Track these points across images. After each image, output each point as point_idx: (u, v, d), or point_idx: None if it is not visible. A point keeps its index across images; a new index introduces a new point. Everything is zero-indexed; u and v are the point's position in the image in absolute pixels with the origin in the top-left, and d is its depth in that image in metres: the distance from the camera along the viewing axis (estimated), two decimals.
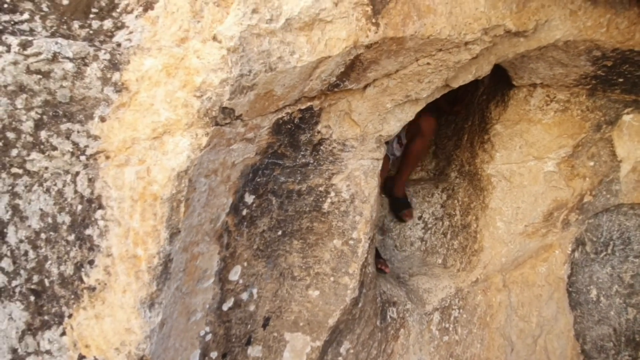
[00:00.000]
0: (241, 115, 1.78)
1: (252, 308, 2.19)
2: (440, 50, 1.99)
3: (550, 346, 3.12)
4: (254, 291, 2.18)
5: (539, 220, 3.02)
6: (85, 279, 1.61)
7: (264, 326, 2.26)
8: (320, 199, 2.29)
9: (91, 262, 1.61)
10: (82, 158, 1.62)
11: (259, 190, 2.06)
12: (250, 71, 1.69)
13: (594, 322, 3.31)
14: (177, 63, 1.63)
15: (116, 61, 1.63)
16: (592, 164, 3.05)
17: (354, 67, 1.92)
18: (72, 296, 1.60)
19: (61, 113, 1.59)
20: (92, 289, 1.61)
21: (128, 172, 1.61)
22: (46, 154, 1.60)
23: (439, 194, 3.36)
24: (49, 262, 1.60)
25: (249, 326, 2.20)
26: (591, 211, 3.15)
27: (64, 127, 1.60)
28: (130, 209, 1.61)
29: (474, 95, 3.35)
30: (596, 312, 3.33)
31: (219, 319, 2.05)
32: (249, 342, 2.21)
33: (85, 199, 1.62)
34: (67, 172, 1.61)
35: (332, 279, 2.36)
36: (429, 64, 2.05)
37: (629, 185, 3.15)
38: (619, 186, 3.13)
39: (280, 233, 2.22)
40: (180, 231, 1.67)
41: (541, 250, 3.12)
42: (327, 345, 2.42)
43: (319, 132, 2.12)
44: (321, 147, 2.18)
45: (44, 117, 1.59)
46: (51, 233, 1.60)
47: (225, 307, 2.07)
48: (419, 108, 2.32)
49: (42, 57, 1.57)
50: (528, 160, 2.98)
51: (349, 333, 2.52)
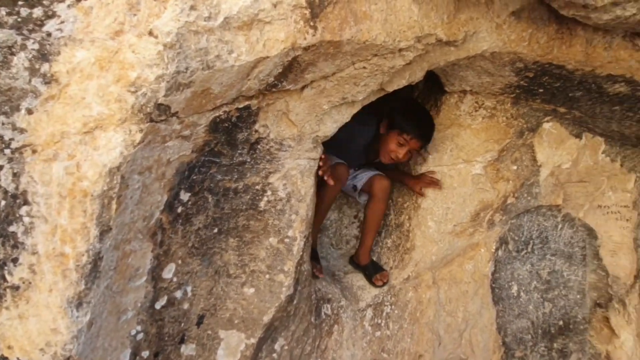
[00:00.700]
0: (177, 113, 1.77)
1: (186, 306, 2.17)
2: (376, 55, 2.07)
3: (475, 339, 3.30)
4: (189, 289, 2.17)
5: (466, 220, 3.18)
6: (8, 277, 1.54)
7: (198, 324, 2.25)
8: (257, 198, 2.30)
9: (15, 260, 1.55)
10: (7, 152, 1.55)
11: (195, 188, 2.05)
12: (187, 68, 1.68)
13: (514, 316, 3.54)
14: (111, 56, 1.59)
15: (45, 51, 1.58)
16: (515, 167, 3.25)
17: (292, 68, 1.95)
18: None
19: None
20: (15, 287, 1.54)
21: (56, 167, 1.56)
22: None
23: None
24: None
25: (183, 324, 2.18)
26: (514, 212, 3.36)
27: None
28: (58, 205, 1.56)
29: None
30: (516, 306, 3.56)
31: (152, 317, 2.02)
32: (182, 341, 2.19)
33: (10, 194, 1.55)
34: None
35: (267, 276, 2.38)
36: (365, 68, 2.12)
37: (547, 189, 3.38)
38: (538, 189, 3.36)
39: (216, 231, 2.22)
40: (111, 229, 1.63)
41: (468, 248, 3.29)
42: (262, 342, 2.44)
43: (256, 131, 2.14)
44: (258, 146, 2.19)
45: None
46: None
47: (158, 306, 2.05)
48: (355, 110, 2.39)
49: None
50: (458, 163, 3.14)
51: (283, 330, 2.55)
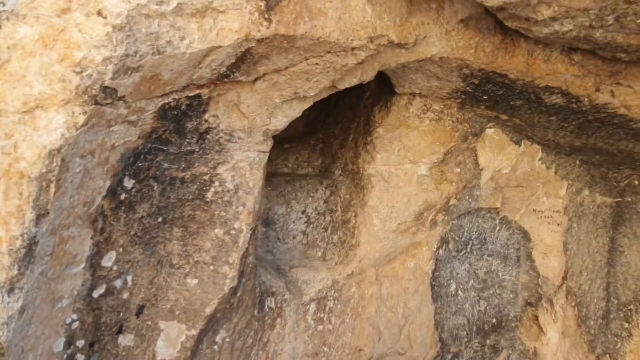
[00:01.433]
0: (124, 97, 1.73)
1: (125, 295, 2.13)
2: (329, 52, 2.10)
3: (413, 335, 3.41)
4: (129, 278, 2.12)
5: (410, 219, 3.28)
6: None
7: (138, 314, 2.21)
8: (204, 188, 2.29)
9: None
10: None
11: (140, 175, 2.01)
12: (136, 52, 1.65)
13: (452, 313, 3.68)
14: (56, 35, 1.54)
15: None
16: (458, 170, 3.38)
17: (244, 60, 1.95)
18: None
19: None
20: None
21: None
22: None
23: (323, 190, 3.50)
24: None
25: (122, 314, 2.14)
26: (455, 213, 3.50)
27: None
28: None
29: (361, 98, 3.53)
30: (454, 304, 3.70)
31: (88, 306, 1.97)
32: (120, 331, 2.15)
33: None
34: None
35: (211, 267, 2.37)
36: (317, 64, 2.14)
37: (487, 192, 3.54)
38: (479, 192, 3.50)
39: (160, 220, 2.18)
40: (48, 213, 1.58)
41: (411, 247, 3.39)
42: (203, 333, 2.42)
43: (206, 120, 2.12)
44: (208, 136, 2.18)
45: None
46: None
47: (95, 294, 1.99)
48: (306, 105, 2.42)
49: None
50: (404, 163, 3.23)
51: (226, 322, 2.55)
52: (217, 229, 2.37)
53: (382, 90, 3.35)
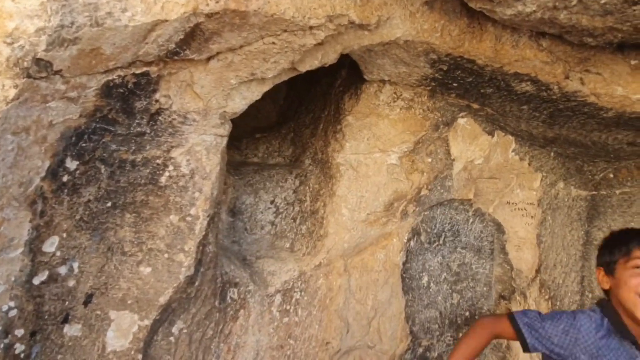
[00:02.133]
0: (61, 71, 1.63)
1: (71, 283, 2.03)
2: (285, 31, 2.02)
3: (383, 327, 3.34)
4: (75, 265, 2.03)
5: (380, 209, 3.21)
6: None
7: (86, 303, 2.11)
8: (158, 172, 2.20)
9: None
10: None
11: (85, 156, 1.92)
12: (72, 23, 1.56)
13: (424, 306, 3.62)
14: None
15: None
16: (429, 160, 3.32)
17: (194, 36, 1.86)
18: None
19: None
20: None
21: None
22: None
23: (292, 179, 3.42)
24: None
25: (67, 303, 2.04)
26: (427, 204, 3.44)
27: None
28: None
29: (332, 86, 3.46)
30: (426, 296, 3.64)
31: (28, 293, 1.87)
32: (65, 320, 2.05)
33: None
34: None
35: (166, 255, 2.28)
36: (274, 43, 2.06)
37: (459, 182, 3.49)
38: (451, 182, 3.45)
39: (109, 205, 2.09)
40: None
41: (381, 238, 3.33)
42: (157, 324, 2.33)
43: (157, 100, 2.03)
44: (159, 118, 2.09)
45: None
46: None
47: (36, 281, 1.90)
48: (266, 88, 2.34)
49: None
50: (374, 152, 3.16)
51: (183, 312, 2.46)
52: (172, 216, 2.28)
53: (353, 78, 3.28)
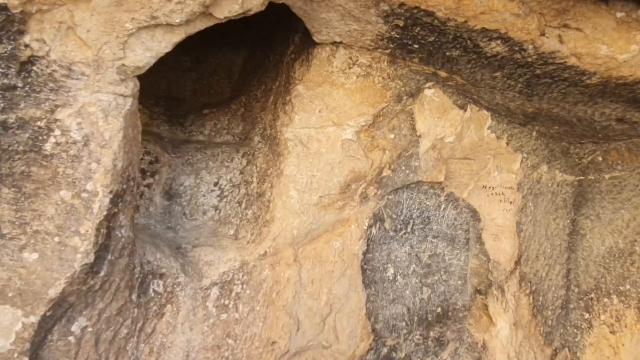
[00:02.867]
0: None
1: None
2: None
3: (340, 325, 2.97)
4: None
5: (335, 191, 2.83)
6: None
7: None
8: (40, 138, 1.81)
9: None
10: None
11: None
12: None
13: (389, 301, 3.25)
14: None
15: None
16: (392, 136, 2.94)
17: None
18: None
19: None
20: None
21: None
22: None
23: (239, 158, 3.04)
24: None
25: None
26: (390, 186, 3.06)
27: None
28: None
29: (284, 54, 3.08)
30: (391, 290, 3.27)
31: None
32: None
33: None
34: None
35: (56, 239, 1.90)
36: None
37: (428, 163, 3.11)
38: (418, 162, 3.07)
39: None
40: None
41: (337, 224, 2.95)
42: (50, 321, 1.95)
43: (27, 46, 1.64)
44: (34, 68, 1.70)
45: None
46: None
47: None
48: (176, 38, 1.95)
49: None
50: (327, 126, 2.78)
51: (86, 308, 2.08)
52: (63, 191, 1.89)
53: (306, 43, 2.89)
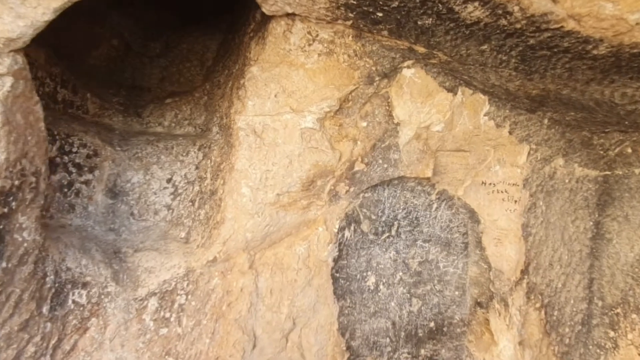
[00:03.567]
0: None
1: None
2: None
3: (306, 342, 2.58)
4: None
5: (296, 188, 2.45)
6: None
7: None
8: None
9: None
10: None
11: None
12: None
13: (369, 314, 2.83)
14: None
15: None
16: (364, 124, 2.53)
17: None
18: None
19: None
20: None
21: None
22: None
23: (195, 152, 2.71)
24: None
25: None
26: (366, 182, 2.64)
27: None
28: None
29: (245, 33, 2.72)
30: (372, 302, 2.85)
31: None
32: None
33: None
34: None
35: None
36: None
37: (411, 156, 2.67)
38: (398, 155, 2.64)
39: None
40: None
41: (302, 226, 2.56)
42: None
43: None
44: None
45: None
46: None
47: None
48: (56, 4, 1.62)
49: None
50: (284, 113, 2.40)
51: None
52: None
53: (264, 20, 2.52)
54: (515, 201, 2.92)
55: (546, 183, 3.03)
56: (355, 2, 2.06)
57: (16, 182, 1.78)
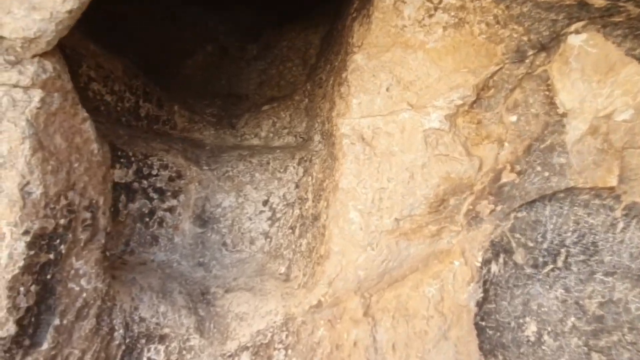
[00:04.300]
0: None
1: None
2: None
3: None
4: None
5: (421, 210, 1.83)
6: None
7: None
8: None
9: None
10: None
11: None
12: None
13: None
14: None
15: None
16: (513, 119, 1.82)
17: None
18: None
19: None
20: None
21: None
22: None
23: (294, 167, 2.22)
24: None
25: None
26: (518, 198, 1.93)
27: None
28: None
29: (347, 17, 2.17)
30: (535, 358, 2.10)
31: None
32: None
33: None
34: None
35: None
36: None
37: (585, 158, 1.89)
38: (564, 158, 1.88)
39: None
40: None
41: (431, 260, 1.93)
42: None
43: None
44: None
45: None
46: None
47: None
48: None
49: None
50: (400, 111, 1.80)
51: None
52: None
53: None
54: None
55: None
56: None
57: (62, 221, 1.43)
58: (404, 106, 1.79)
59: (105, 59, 2.07)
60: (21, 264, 1.33)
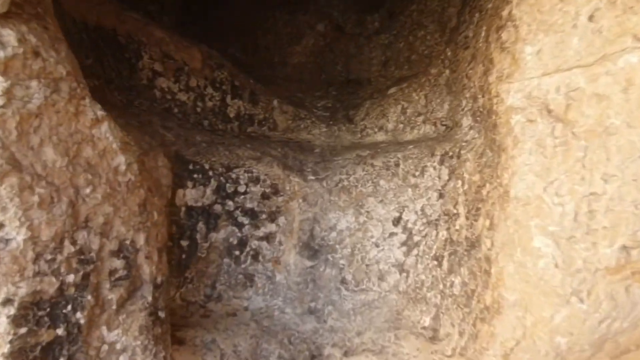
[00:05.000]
0: None
1: None
2: None
3: None
4: None
5: None
6: None
7: None
8: None
9: None
10: None
11: None
12: None
13: None
14: None
15: None
16: None
17: None
18: None
19: None
20: None
21: None
22: None
23: (435, 167, 1.51)
24: None
25: None
26: None
27: None
28: None
29: None
30: None
31: None
32: None
33: None
34: None
35: None
36: None
37: None
38: None
39: None
40: None
41: None
42: None
43: None
44: None
45: None
46: None
47: None
48: None
49: None
50: (620, 53, 1.00)
51: None
52: None
53: None
54: None
55: None
56: None
57: (70, 278, 0.93)
58: (627, 43, 0.99)
59: (176, 48, 1.60)
60: (6, 349, 0.86)
